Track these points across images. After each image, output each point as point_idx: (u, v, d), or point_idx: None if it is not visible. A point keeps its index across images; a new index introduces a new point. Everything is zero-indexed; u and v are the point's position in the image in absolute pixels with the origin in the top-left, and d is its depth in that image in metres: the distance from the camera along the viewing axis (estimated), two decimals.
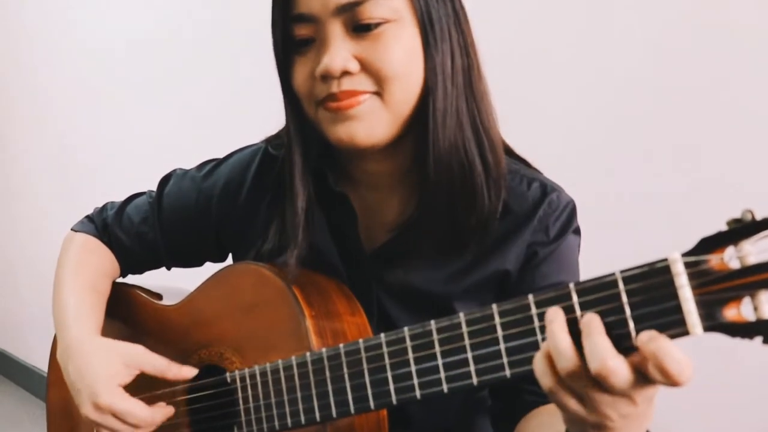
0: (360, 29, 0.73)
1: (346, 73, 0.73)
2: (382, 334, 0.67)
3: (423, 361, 0.64)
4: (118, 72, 2.44)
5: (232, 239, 0.96)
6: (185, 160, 1.07)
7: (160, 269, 1.04)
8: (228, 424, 0.83)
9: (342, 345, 0.70)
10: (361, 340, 0.69)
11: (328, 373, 0.71)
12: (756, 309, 0.48)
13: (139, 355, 0.85)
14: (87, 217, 1.04)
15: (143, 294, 1.00)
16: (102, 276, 0.97)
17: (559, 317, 0.55)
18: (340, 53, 0.73)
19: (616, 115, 1.22)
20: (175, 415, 0.86)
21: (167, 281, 1.03)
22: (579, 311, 0.55)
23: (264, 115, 0.88)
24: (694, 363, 0.49)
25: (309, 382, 0.72)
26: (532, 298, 0.58)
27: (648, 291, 0.52)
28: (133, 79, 2.38)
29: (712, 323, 0.50)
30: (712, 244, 0.50)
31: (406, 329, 0.65)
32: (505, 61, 1.12)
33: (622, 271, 0.53)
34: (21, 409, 2.89)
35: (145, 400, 0.84)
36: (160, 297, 0.99)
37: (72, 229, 1.02)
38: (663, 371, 0.49)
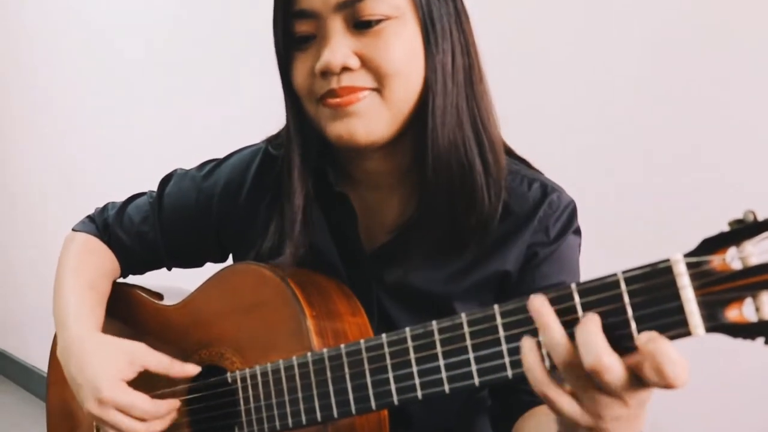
0: (361, 26, 0.73)
1: (345, 69, 0.73)
2: (384, 335, 0.67)
3: (424, 361, 0.64)
4: (119, 72, 2.44)
5: (233, 239, 0.96)
6: (186, 160, 1.07)
7: (161, 269, 1.04)
8: (228, 424, 0.83)
9: (343, 345, 0.70)
10: (362, 341, 0.68)
11: (329, 374, 0.71)
12: (758, 310, 0.48)
13: (142, 352, 0.85)
14: (88, 217, 1.04)
15: (144, 294, 1.00)
16: (102, 276, 0.97)
17: (546, 307, 0.55)
18: (340, 49, 0.73)
19: (616, 115, 1.22)
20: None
21: (168, 281, 1.03)
22: (581, 312, 0.55)
23: (264, 115, 0.88)
24: (695, 363, 0.49)
25: (310, 382, 0.72)
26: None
27: (650, 292, 0.52)
28: (133, 79, 2.38)
29: (714, 324, 0.50)
30: (714, 244, 0.50)
31: (407, 329, 0.65)
32: (504, 60, 1.12)
33: (624, 272, 0.53)
34: (21, 409, 2.89)
35: None
36: (160, 297, 0.99)
37: (73, 229, 1.02)
38: (659, 372, 0.49)
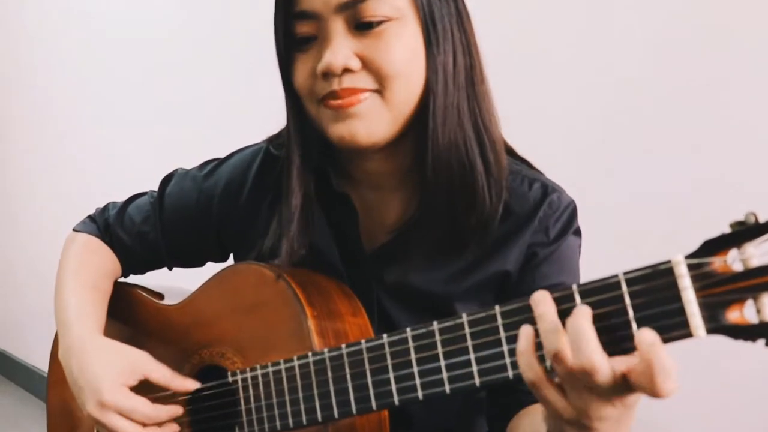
0: (362, 27, 0.73)
1: (347, 71, 0.73)
2: (385, 335, 0.67)
3: (425, 361, 0.64)
4: (119, 72, 2.44)
5: (233, 239, 0.96)
6: (186, 160, 1.07)
7: (162, 269, 1.04)
8: (229, 424, 0.83)
9: (344, 345, 0.70)
10: (363, 341, 0.69)
11: (330, 374, 0.71)
12: (759, 311, 0.48)
13: (144, 361, 0.84)
14: (89, 217, 1.04)
15: (145, 294, 1.00)
16: (103, 276, 0.97)
17: (547, 298, 0.55)
18: (341, 50, 0.72)
19: (616, 115, 1.22)
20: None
21: (169, 281, 1.03)
22: None
23: (264, 115, 0.88)
24: (695, 364, 0.49)
25: (311, 382, 0.72)
26: None
27: (651, 293, 0.52)
28: (134, 79, 2.37)
29: (715, 325, 0.50)
30: (715, 246, 0.50)
31: (408, 330, 0.65)
32: (506, 61, 1.12)
33: (625, 273, 0.53)
34: (21, 409, 2.89)
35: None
36: (161, 297, 0.99)
37: (74, 230, 1.02)
38: (651, 380, 0.49)
